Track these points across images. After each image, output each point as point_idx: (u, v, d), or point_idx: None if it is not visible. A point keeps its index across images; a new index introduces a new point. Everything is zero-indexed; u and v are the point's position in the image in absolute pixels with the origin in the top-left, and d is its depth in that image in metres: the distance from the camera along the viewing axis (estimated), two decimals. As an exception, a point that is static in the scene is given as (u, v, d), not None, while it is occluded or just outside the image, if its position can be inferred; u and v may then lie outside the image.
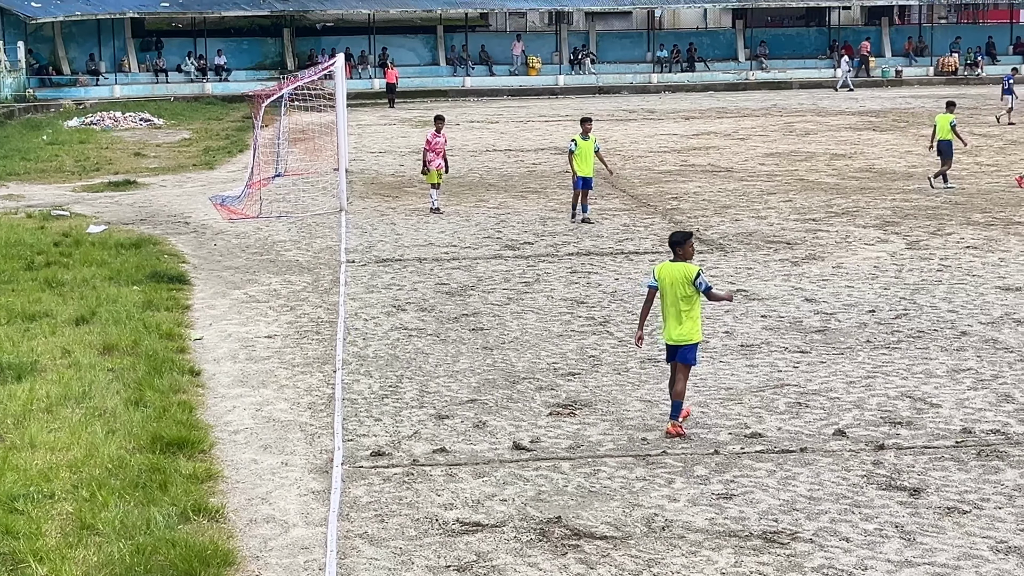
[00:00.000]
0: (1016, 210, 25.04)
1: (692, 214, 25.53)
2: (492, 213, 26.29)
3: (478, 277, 19.79)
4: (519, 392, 13.68)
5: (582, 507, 10.41)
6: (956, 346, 15.17)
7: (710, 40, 72.36)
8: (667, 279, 12.17)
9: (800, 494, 10.57)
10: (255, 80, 59.70)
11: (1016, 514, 10.05)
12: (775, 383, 13.83)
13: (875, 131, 42.34)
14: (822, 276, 19.33)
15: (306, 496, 10.83)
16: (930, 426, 12.26)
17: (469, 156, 36.72)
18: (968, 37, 71.72)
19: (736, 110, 52.52)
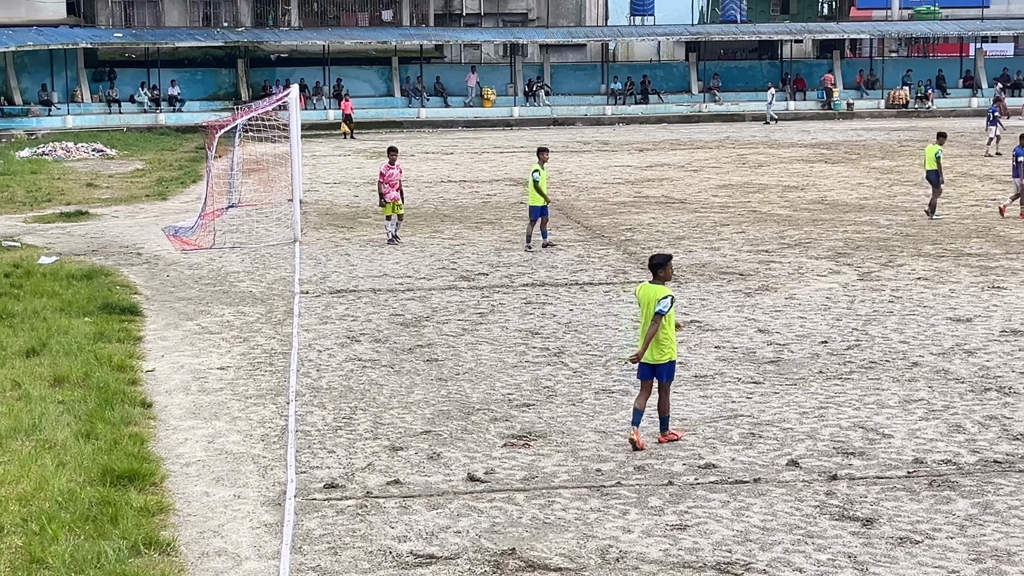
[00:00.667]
0: (966, 242, 25.29)
1: (646, 245, 25.62)
2: (447, 244, 26.29)
3: (433, 308, 19.77)
4: (473, 423, 13.65)
5: (536, 539, 10.39)
6: (908, 376, 15.28)
7: (663, 72, 72.86)
8: (644, 299, 12.68)
9: (754, 525, 10.59)
10: (209, 111, 59.59)
11: (967, 544, 10.11)
12: (729, 413, 13.87)
13: (827, 163, 42.68)
14: (775, 307, 19.43)
15: (259, 529, 10.75)
16: (882, 456, 12.33)
17: (424, 187, 36.73)
18: (919, 70, 72.56)
19: (689, 142, 52.84)
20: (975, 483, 11.51)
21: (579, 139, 55.74)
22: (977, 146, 48.05)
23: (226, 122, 31.95)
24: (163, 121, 62.10)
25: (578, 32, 72.73)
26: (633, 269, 23.01)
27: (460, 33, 71.70)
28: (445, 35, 71.03)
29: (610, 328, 18.19)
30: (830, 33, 72.58)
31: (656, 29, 73.05)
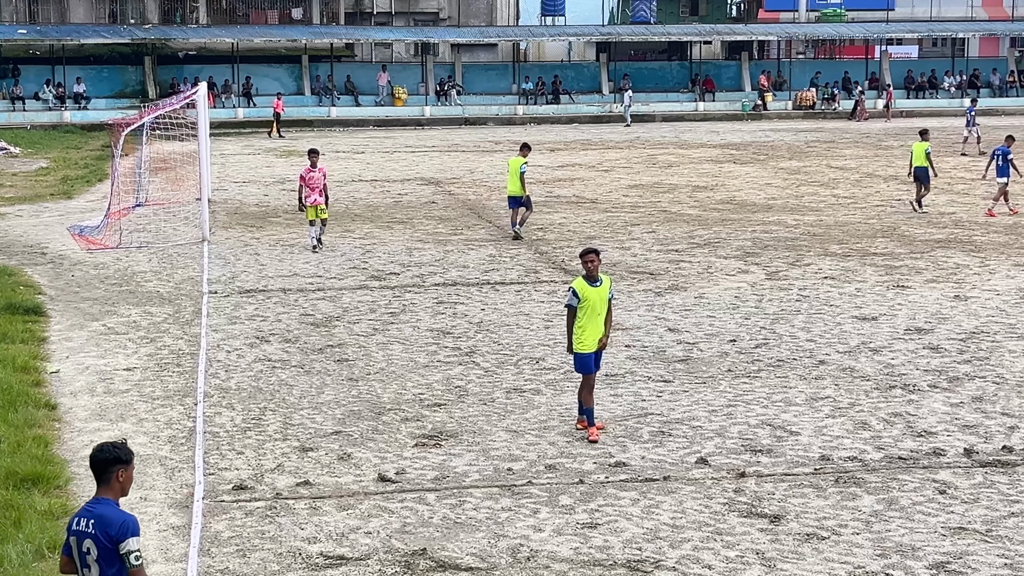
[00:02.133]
0: (872, 241, 25.66)
1: (557, 245, 25.69)
2: (358, 243, 26.16)
3: (343, 308, 19.67)
4: (384, 423, 13.60)
5: (447, 538, 10.37)
6: (814, 375, 15.47)
7: (575, 73, 73.09)
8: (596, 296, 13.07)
9: (663, 522, 10.65)
10: (115, 108, 58.76)
11: (873, 539, 10.25)
12: (639, 412, 13.94)
13: (736, 164, 43.08)
14: (684, 306, 19.57)
15: (166, 532, 10.61)
16: (789, 453, 12.46)
17: (335, 186, 36.43)
18: (825, 72, 73.49)
19: (600, 142, 53.07)
20: (880, 479, 11.67)
21: (491, 139, 55.75)
22: (882, 147, 48.80)
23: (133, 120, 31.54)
24: (68, 119, 61.10)
25: (489, 32, 72.74)
26: (544, 268, 23.07)
27: (371, 32, 71.37)
28: (356, 34, 70.66)
29: (521, 328, 18.21)
30: (738, 35, 73.27)
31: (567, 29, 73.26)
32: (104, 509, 7.00)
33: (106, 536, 6.90)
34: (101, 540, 6.90)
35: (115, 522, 6.92)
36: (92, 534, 6.93)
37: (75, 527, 7.03)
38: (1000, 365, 15.76)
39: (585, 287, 13.02)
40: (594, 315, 12.99)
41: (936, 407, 14.01)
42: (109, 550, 6.90)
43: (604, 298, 13.08)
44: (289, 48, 69.85)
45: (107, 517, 6.95)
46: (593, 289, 13.01)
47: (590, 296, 12.99)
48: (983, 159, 42.22)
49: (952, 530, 10.42)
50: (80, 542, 6.97)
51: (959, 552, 9.96)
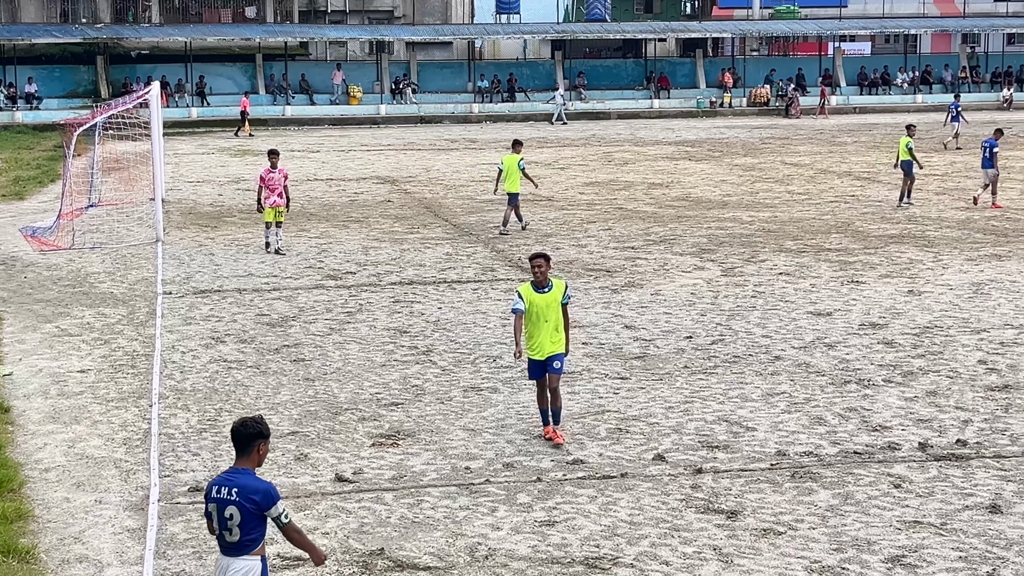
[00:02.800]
0: (826, 237, 25.81)
1: (514, 243, 25.70)
2: (314, 243, 26.07)
3: (299, 307, 19.59)
4: (341, 423, 13.56)
5: (405, 538, 10.35)
6: (770, 370, 15.54)
7: (530, 71, 73.14)
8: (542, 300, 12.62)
9: (621, 519, 10.67)
10: (68, 108, 58.32)
11: (829, 534, 10.30)
12: (596, 409, 13.96)
13: (691, 161, 43.23)
14: (641, 303, 19.62)
15: (121, 534, 10.54)
16: (746, 449, 12.51)
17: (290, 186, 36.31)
18: (780, 69, 73.85)
19: (556, 140, 53.12)
20: (836, 474, 11.74)
21: (446, 137, 55.71)
22: (836, 143, 49.10)
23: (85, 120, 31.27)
24: (20, 119, 60.57)
25: (444, 30, 72.67)
26: (501, 267, 23.06)
27: (325, 30, 71.16)
28: (310, 32, 70.43)
29: (478, 326, 18.20)
30: (693, 32, 73.55)
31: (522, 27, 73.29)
32: (245, 479, 7.72)
33: (252, 503, 7.63)
34: (245, 506, 7.62)
35: (259, 491, 7.67)
36: (236, 501, 7.64)
37: (215, 495, 7.72)
38: (954, 359, 15.88)
39: (531, 292, 12.64)
40: (540, 321, 12.56)
41: (891, 401, 14.11)
42: (253, 515, 7.64)
43: (552, 304, 12.61)
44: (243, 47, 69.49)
45: (250, 486, 7.68)
46: (539, 295, 12.61)
47: (535, 302, 12.58)
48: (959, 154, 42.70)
49: (907, 524, 10.49)
50: (222, 509, 7.67)
51: (914, 545, 10.03)
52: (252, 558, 7.76)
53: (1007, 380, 14.87)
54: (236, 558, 7.71)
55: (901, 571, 9.55)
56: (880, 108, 69.45)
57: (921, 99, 71.70)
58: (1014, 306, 18.91)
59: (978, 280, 20.95)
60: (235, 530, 7.66)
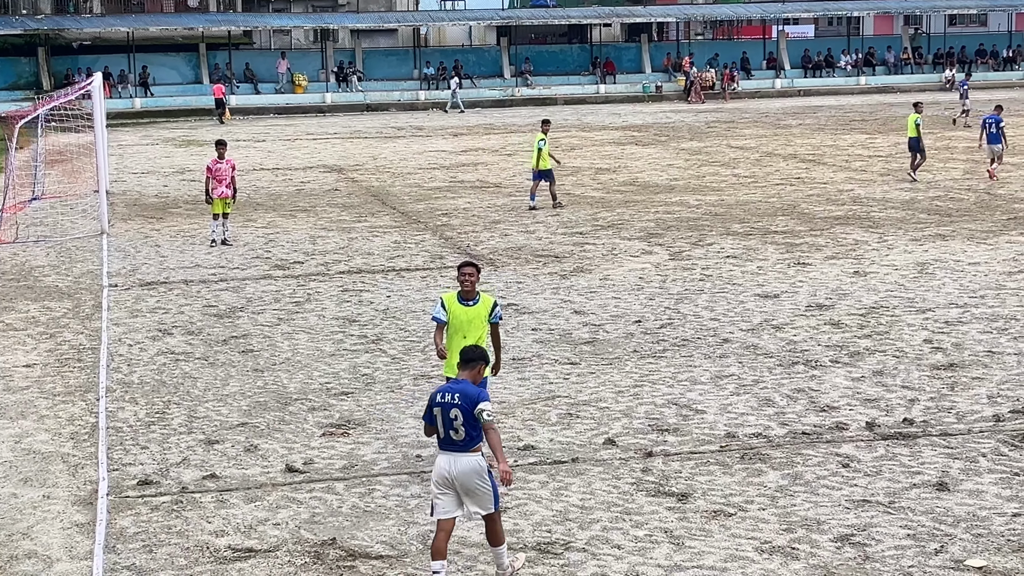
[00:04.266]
0: (772, 220, 25.95)
1: (462, 230, 25.68)
2: (260, 233, 25.94)
3: (247, 298, 19.49)
4: (291, 414, 13.50)
5: (357, 527, 10.33)
6: (719, 353, 15.61)
7: (476, 57, 73.06)
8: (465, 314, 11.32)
9: (572, 504, 10.69)
10: (9, 100, 57.66)
11: (779, 515, 10.37)
12: (546, 395, 13.98)
13: (638, 145, 43.34)
14: (590, 288, 19.66)
15: (70, 529, 10.45)
16: (696, 432, 12.57)
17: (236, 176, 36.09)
18: (724, 53, 74.15)
19: (503, 126, 53.10)
20: (785, 455, 11.82)
21: (393, 124, 55.57)
22: (781, 126, 49.38)
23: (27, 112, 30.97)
24: (-40, 112, 59.94)
25: (389, 17, 72.47)
26: (450, 254, 23.04)
27: (269, 19, 70.75)
28: (254, 21, 70.01)
29: (428, 314, 18.16)
30: (637, 17, 73.72)
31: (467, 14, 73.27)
32: (465, 386, 9.22)
33: (471, 403, 9.04)
34: (466, 408, 9.03)
35: (474, 393, 9.13)
36: (459, 404, 9.06)
37: (440, 400, 9.14)
38: (899, 339, 16.02)
39: (454, 303, 11.27)
40: (458, 337, 11.09)
41: (838, 382, 14.21)
42: (471, 414, 9.01)
43: (476, 321, 11.20)
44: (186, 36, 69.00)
45: (469, 391, 9.15)
46: (463, 308, 11.22)
47: (458, 315, 11.23)
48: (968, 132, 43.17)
49: (856, 503, 10.58)
50: (446, 411, 9.09)
51: (863, 524, 10.12)
52: (474, 454, 9.07)
53: (952, 359, 15.02)
54: (462, 454, 9.06)
55: (850, 550, 9.63)
56: (824, 90, 69.94)
57: (864, 81, 72.26)
58: (958, 285, 19.10)
59: (923, 260, 21.15)
60: (460, 429, 9.04)
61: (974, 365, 14.73)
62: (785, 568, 9.36)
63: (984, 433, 12.30)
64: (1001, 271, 20.06)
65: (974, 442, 12.03)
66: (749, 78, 71.55)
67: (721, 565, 9.44)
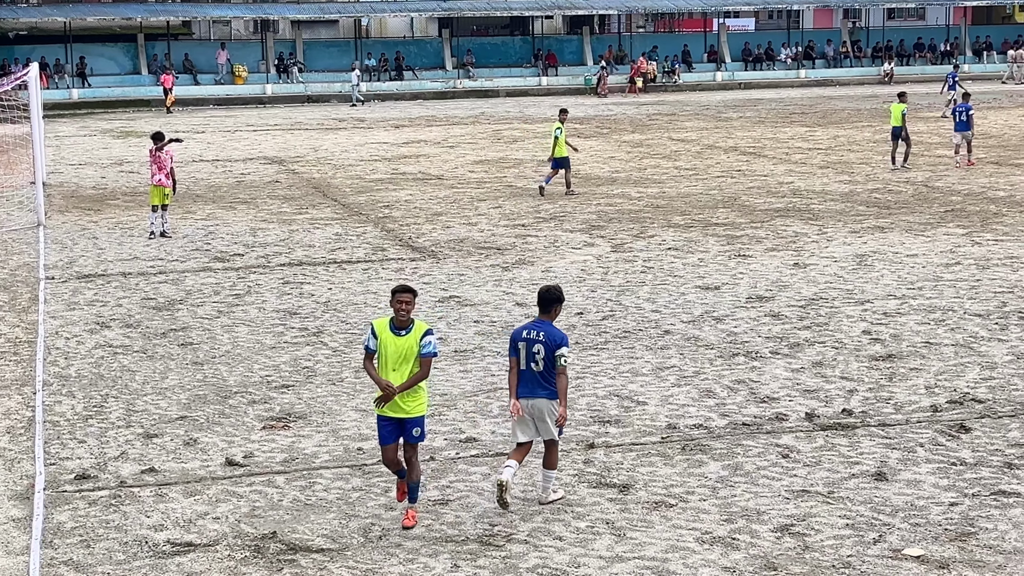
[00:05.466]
0: (713, 212, 26.07)
1: (404, 222, 25.60)
2: (200, 225, 25.74)
3: (186, 291, 19.33)
4: (231, 407, 13.41)
5: (298, 521, 10.27)
6: (660, 344, 15.67)
7: (417, 49, 72.84)
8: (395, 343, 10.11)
9: (514, 496, 10.68)
10: (-56, 90, 56.82)
11: (719, 505, 10.42)
12: (489, 387, 13.98)
13: (580, 138, 43.37)
14: (532, 280, 19.66)
15: (6, 524, 10.32)
16: (637, 423, 12.61)
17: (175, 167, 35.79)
18: (665, 46, 74.38)
19: (445, 118, 53.02)
20: (725, 446, 11.88)
21: (334, 116, 55.32)
22: (722, 118, 49.61)
23: (-38, 102, 30.54)
24: None
25: (330, 8, 72.06)
26: (392, 246, 22.97)
27: (208, 9, 70.15)
28: (192, 11, 69.40)
29: (369, 306, 18.11)
30: (579, 9, 73.73)
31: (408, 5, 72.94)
32: (548, 327, 10.39)
33: (553, 342, 10.23)
34: (548, 345, 10.23)
35: (557, 335, 10.31)
36: (543, 341, 10.28)
37: (525, 336, 10.37)
38: (839, 330, 16.15)
39: (385, 331, 10.01)
40: (388, 370, 9.98)
41: (778, 373, 14.30)
42: (551, 353, 10.21)
43: (407, 352, 9.95)
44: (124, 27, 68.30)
45: (552, 332, 10.34)
46: (394, 337, 9.97)
47: (388, 344, 9.97)
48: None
49: (795, 493, 10.65)
50: (530, 346, 10.29)
51: (802, 514, 10.18)
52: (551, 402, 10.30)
53: (890, 350, 15.16)
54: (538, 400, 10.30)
55: (790, 540, 9.69)
56: (764, 83, 70.30)
57: (804, 74, 72.70)
58: (896, 277, 19.28)
59: (861, 252, 21.32)
60: (540, 363, 10.24)
61: (912, 356, 14.87)
62: (725, 558, 9.40)
63: (922, 423, 12.42)
64: (938, 263, 20.27)
65: (912, 432, 12.15)
66: (690, 71, 71.79)
67: (662, 556, 9.47)
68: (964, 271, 19.58)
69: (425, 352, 10.02)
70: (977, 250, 21.22)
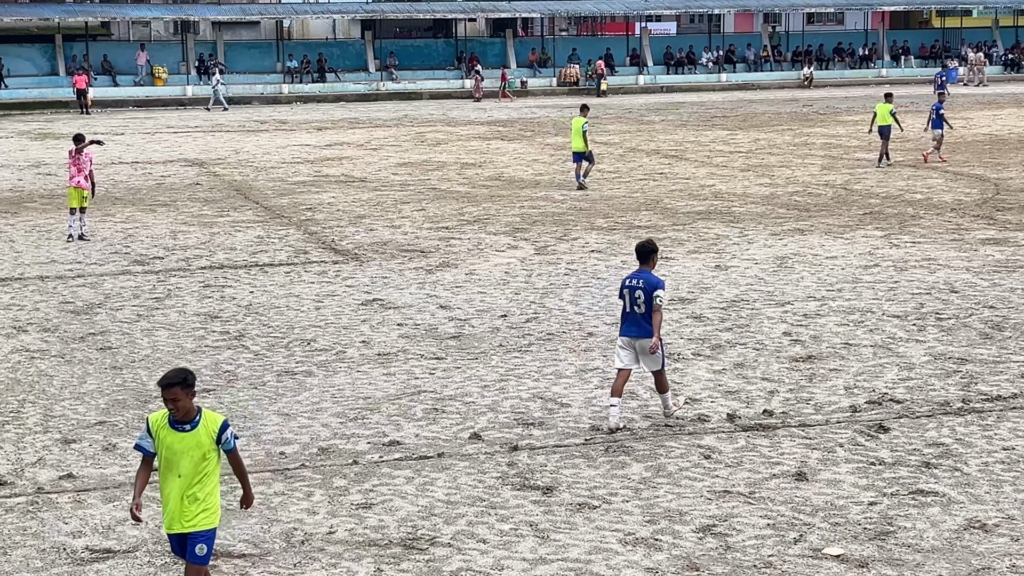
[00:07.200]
0: (636, 214, 26.21)
1: (327, 224, 25.48)
2: (119, 228, 25.44)
3: (105, 294, 19.10)
4: (151, 411, 13.23)
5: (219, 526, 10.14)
6: (584, 346, 15.71)
7: (340, 51, 72.57)
8: (178, 442, 8.19)
9: (438, 499, 10.67)
10: None
11: (642, 506, 10.47)
12: (412, 390, 13.93)
13: (503, 140, 43.44)
14: (456, 283, 19.65)
15: (-81, 534, 10.13)
16: (561, 425, 12.63)
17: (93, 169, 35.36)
18: (588, 49, 74.69)
19: (368, 120, 52.85)
20: (648, 447, 11.93)
21: (256, 118, 54.94)
22: (644, 121, 49.89)
23: None
24: None
25: (251, 9, 71.63)
26: (314, 249, 22.85)
27: (128, 9, 69.43)
28: (112, 11, 68.65)
29: (292, 309, 18.00)
30: (502, 12, 73.88)
31: (331, 7, 72.72)
32: (647, 275, 12.44)
33: (650, 287, 12.27)
34: (647, 290, 12.27)
35: (655, 280, 12.39)
36: (642, 287, 12.29)
37: (628, 284, 12.44)
38: (760, 332, 16.29)
39: (163, 427, 8.15)
40: (170, 475, 8.18)
41: (700, 374, 14.40)
42: (650, 296, 12.22)
43: (192, 451, 8.13)
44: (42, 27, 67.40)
45: (650, 278, 12.39)
46: (176, 433, 8.12)
47: (169, 444, 8.13)
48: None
49: (717, 493, 10.72)
50: (632, 292, 12.35)
51: (724, 515, 10.25)
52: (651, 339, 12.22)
53: (810, 351, 15.32)
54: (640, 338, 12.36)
55: (712, 540, 9.76)
56: (686, 87, 70.83)
57: (725, 78, 73.35)
58: (816, 279, 19.48)
59: (782, 254, 21.53)
60: (641, 305, 12.26)
61: (831, 357, 15.03)
62: (648, 559, 9.44)
63: (841, 423, 12.56)
64: (857, 265, 20.51)
65: (832, 432, 12.28)
66: (613, 74, 72.13)
67: (585, 557, 9.50)
68: (882, 273, 19.83)
69: (229, 449, 8.27)
70: (895, 252, 21.51)
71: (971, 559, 9.36)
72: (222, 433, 8.21)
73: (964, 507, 10.32)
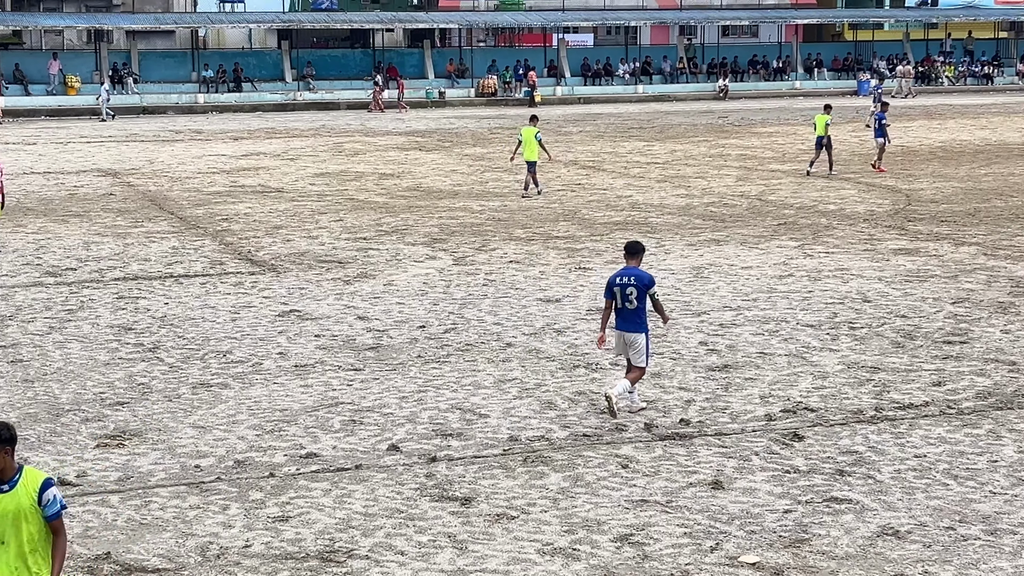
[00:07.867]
0: (554, 225, 26.29)
1: (243, 235, 25.29)
2: (31, 239, 25.06)
3: (16, 306, 18.80)
4: (63, 425, 13.07)
5: (133, 540, 10.05)
6: (502, 357, 15.72)
7: (256, 60, 72.08)
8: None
9: (356, 511, 10.62)
10: None
11: (560, 516, 10.49)
12: (330, 402, 13.86)
13: (421, 151, 43.39)
14: (374, 294, 19.58)
15: None
16: (479, 436, 12.62)
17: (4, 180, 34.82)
18: (506, 60, 74.82)
19: (285, 130, 52.54)
20: (566, 457, 11.96)
21: (171, 128, 54.41)
22: (562, 132, 50.06)
23: None
24: None
25: (166, 18, 70.94)
26: (230, 260, 22.66)
27: (40, 18, 68.47)
28: (23, 20, 67.67)
29: (207, 321, 17.84)
30: (420, 23, 73.81)
31: (247, 16, 72.19)
32: (637, 271, 13.16)
33: (643, 284, 12.98)
34: (640, 287, 12.93)
35: (646, 277, 13.15)
36: (635, 284, 12.96)
37: (619, 281, 13.03)
38: (676, 341, 16.39)
39: None
40: None
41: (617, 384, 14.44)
42: (643, 292, 12.94)
43: (14, 514, 7.12)
44: (-49, 35, 66.28)
45: (641, 274, 13.12)
46: None
47: None
48: None
49: (635, 503, 10.77)
50: (624, 289, 12.94)
51: (642, 524, 10.31)
52: (640, 334, 13.05)
53: (726, 360, 15.44)
54: (630, 332, 13.05)
55: (629, 549, 9.80)
56: (603, 98, 71.19)
57: (642, 89, 73.79)
58: (732, 289, 19.65)
59: (698, 264, 21.70)
60: (633, 301, 12.91)
61: (747, 366, 15.17)
62: (567, 569, 9.46)
63: (757, 432, 12.68)
64: (772, 275, 20.73)
65: (747, 441, 12.39)
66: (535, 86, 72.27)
67: (504, 568, 9.50)
68: (796, 283, 20.06)
69: (52, 514, 7.19)
70: (809, 262, 21.76)
71: (884, 566, 9.48)
72: (43, 493, 7.11)
73: (877, 514, 10.46)
